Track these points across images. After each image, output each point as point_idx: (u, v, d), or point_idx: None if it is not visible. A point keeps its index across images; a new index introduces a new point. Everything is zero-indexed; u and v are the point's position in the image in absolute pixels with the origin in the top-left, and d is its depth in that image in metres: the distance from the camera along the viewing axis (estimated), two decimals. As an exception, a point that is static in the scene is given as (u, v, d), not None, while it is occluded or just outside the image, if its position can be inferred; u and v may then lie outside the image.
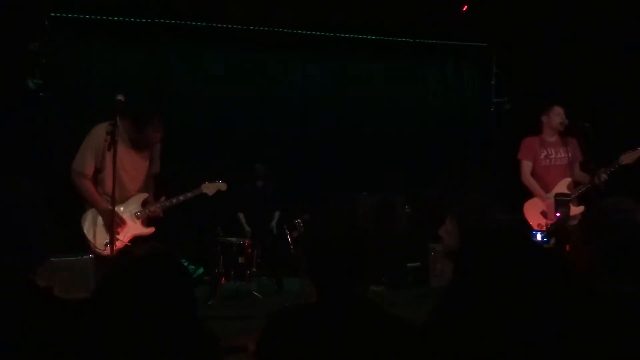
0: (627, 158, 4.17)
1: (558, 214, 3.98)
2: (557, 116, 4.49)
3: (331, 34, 7.36)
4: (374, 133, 7.58)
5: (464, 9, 6.69)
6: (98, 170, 3.57)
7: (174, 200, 3.85)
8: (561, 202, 4.00)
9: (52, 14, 6.15)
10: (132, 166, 3.70)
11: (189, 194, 3.93)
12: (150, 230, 3.76)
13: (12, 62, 5.57)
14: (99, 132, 3.49)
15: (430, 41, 7.65)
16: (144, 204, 3.78)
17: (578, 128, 4.35)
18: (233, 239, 5.55)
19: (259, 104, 7.25)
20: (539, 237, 4.11)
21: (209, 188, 4.08)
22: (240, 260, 5.35)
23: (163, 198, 3.87)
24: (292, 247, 5.95)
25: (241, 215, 6.14)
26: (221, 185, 4.17)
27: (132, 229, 3.68)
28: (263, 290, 5.72)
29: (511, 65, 7.37)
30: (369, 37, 7.46)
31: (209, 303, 5.19)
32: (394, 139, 7.65)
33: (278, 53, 7.36)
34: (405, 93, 7.78)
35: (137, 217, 3.73)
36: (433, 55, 7.90)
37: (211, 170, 6.52)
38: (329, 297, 1.56)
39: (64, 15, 6.34)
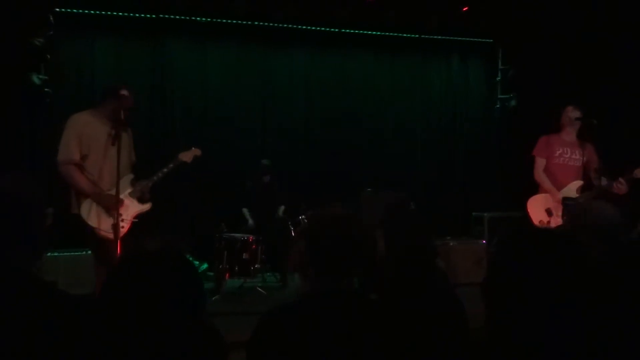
0: None
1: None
2: (565, 115, 4.51)
3: (335, 30, 7.33)
4: (379, 129, 7.57)
5: (465, 9, 6.67)
6: (84, 157, 3.61)
7: (160, 174, 3.93)
8: (569, 207, 3.98)
9: (57, 10, 6.14)
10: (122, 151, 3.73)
11: (171, 165, 4.00)
12: (148, 205, 3.86)
13: (16, 57, 5.57)
14: (78, 120, 3.61)
15: (435, 37, 7.62)
16: (133, 183, 3.87)
17: (584, 124, 4.34)
18: (237, 235, 5.56)
19: (263, 100, 7.24)
20: None
21: (187, 156, 4.15)
22: (245, 256, 5.35)
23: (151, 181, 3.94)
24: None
25: (245, 210, 6.17)
26: (196, 150, 4.23)
27: (132, 207, 3.78)
28: (267, 286, 5.73)
29: (517, 61, 7.33)
30: (374, 33, 7.43)
31: (213, 299, 5.20)
32: (399, 135, 7.64)
33: (282, 49, 7.34)
34: (409, 89, 7.76)
35: (132, 196, 3.82)
36: (438, 52, 7.85)
37: (214, 165, 6.60)
38: (320, 289, 1.58)
39: (69, 10, 6.34)
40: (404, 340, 1.48)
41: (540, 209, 4.41)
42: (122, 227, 3.59)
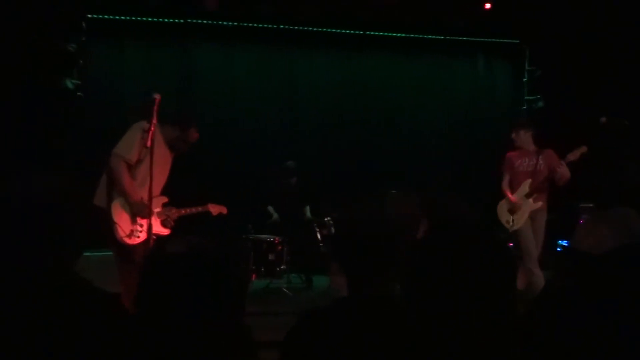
0: (572, 155, 4.51)
1: (581, 221, 4.44)
2: (516, 136, 5.00)
3: (360, 32, 7.35)
4: (404, 131, 7.55)
5: (487, 6, 6.62)
6: (137, 162, 3.67)
7: (188, 211, 4.11)
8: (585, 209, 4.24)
9: (89, 16, 6.32)
10: (162, 168, 3.87)
11: (200, 208, 4.24)
12: (168, 231, 3.94)
13: (51, 63, 5.74)
14: (144, 127, 3.62)
15: (460, 38, 7.57)
16: (163, 206, 3.97)
17: (615, 125, 4.32)
18: (263, 236, 5.62)
19: (288, 102, 7.31)
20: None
21: (214, 208, 4.40)
22: (271, 257, 5.40)
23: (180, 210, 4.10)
24: (321, 244, 5.97)
25: (270, 208, 6.20)
26: (223, 208, 4.48)
27: (154, 226, 3.80)
28: (292, 286, 5.77)
29: (544, 62, 7.23)
30: (398, 34, 7.43)
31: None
32: (424, 136, 7.60)
33: (307, 51, 7.40)
34: (434, 91, 7.72)
35: (158, 216, 3.89)
36: (463, 53, 7.80)
37: (241, 167, 6.68)
38: (353, 294, 1.56)
39: (100, 16, 6.51)
40: (433, 348, 1.47)
41: (504, 211, 4.97)
42: (138, 236, 3.68)
